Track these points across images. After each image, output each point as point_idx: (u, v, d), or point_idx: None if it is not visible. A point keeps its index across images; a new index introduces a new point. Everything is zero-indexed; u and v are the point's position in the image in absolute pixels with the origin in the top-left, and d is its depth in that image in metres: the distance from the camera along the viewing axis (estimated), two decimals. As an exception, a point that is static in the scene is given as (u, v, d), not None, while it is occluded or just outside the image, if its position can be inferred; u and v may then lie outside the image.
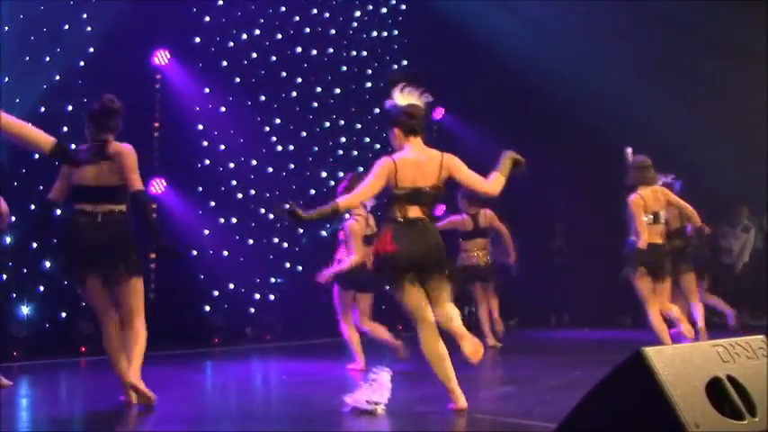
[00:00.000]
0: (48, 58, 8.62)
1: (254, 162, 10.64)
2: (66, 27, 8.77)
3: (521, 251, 9.37)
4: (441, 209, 12.75)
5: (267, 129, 10.82)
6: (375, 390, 4.88)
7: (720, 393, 2.60)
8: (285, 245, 10.85)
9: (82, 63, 9.01)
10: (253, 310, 10.44)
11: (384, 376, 4.94)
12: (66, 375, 7.28)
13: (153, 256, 9.46)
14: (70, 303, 8.70)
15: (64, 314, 8.54)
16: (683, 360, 2.58)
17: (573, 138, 11.02)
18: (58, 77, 8.78)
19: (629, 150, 7.51)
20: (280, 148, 10.99)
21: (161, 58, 9.51)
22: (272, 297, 10.70)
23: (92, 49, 9.04)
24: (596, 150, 10.67)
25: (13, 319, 8.01)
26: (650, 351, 2.49)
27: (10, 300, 8.06)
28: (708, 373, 2.62)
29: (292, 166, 11.07)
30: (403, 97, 4.99)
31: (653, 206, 6.97)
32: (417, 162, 4.86)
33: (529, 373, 6.74)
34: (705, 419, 2.45)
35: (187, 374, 7.17)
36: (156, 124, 9.64)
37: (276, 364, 8.14)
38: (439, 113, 12.88)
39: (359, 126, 12.02)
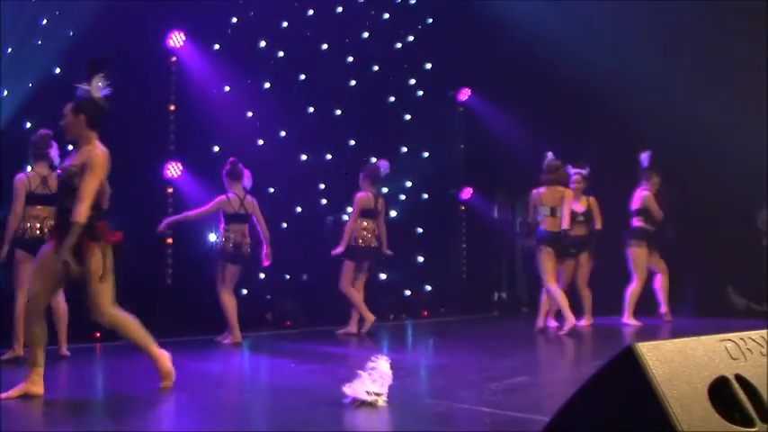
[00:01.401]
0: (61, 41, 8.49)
1: (272, 145, 10.44)
2: (79, 9, 8.62)
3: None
4: (468, 192, 12.58)
5: (285, 111, 10.61)
6: (375, 379, 4.64)
7: (726, 395, 2.29)
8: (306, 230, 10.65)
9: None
10: (273, 296, 10.27)
11: (383, 364, 4.70)
12: (82, 361, 7.16)
13: (170, 241, 9.37)
14: (82, 291, 8.60)
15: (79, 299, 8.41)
16: (683, 357, 2.28)
17: (602, 120, 10.62)
18: (72, 60, 8.65)
19: (549, 154, 8.96)
20: (298, 131, 10.77)
21: (176, 40, 9.34)
22: (292, 283, 10.52)
23: (105, 32, 8.89)
24: (626, 133, 10.29)
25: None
26: (643, 347, 2.19)
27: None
28: (712, 371, 2.31)
29: (311, 149, 10.85)
30: (97, 88, 4.85)
31: (550, 202, 8.77)
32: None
33: (545, 363, 6.47)
34: (706, 425, 2.15)
35: (197, 362, 7.01)
36: (172, 107, 9.48)
37: (290, 351, 7.94)
38: (465, 95, 12.59)
39: (378, 108, 11.75)
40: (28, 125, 7.94)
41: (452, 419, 4.36)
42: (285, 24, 10.58)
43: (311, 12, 10.81)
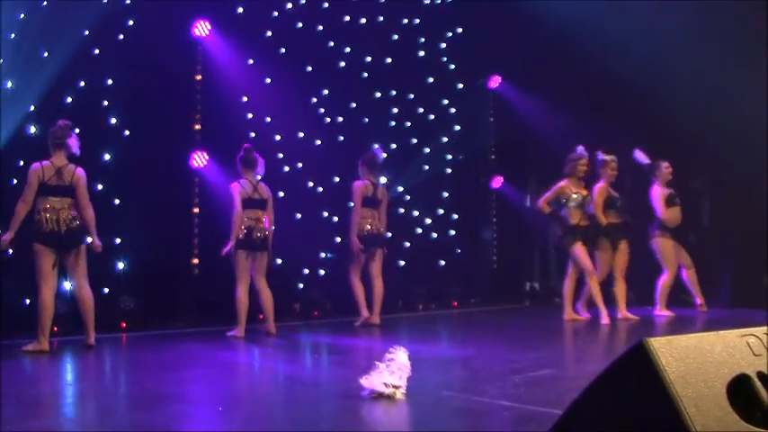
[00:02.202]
0: (86, 32, 8.48)
1: (301, 134, 10.37)
2: (105, 0, 8.61)
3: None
4: (498, 180, 12.40)
5: (314, 100, 10.53)
6: (393, 371, 4.54)
7: (747, 394, 2.14)
8: (335, 218, 10.57)
9: (121, 36, 8.86)
10: (301, 285, 10.22)
11: (401, 356, 4.60)
12: (107, 351, 7.18)
13: (196, 231, 9.36)
14: (112, 280, 8.64)
15: (106, 290, 8.45)
16: (699, 353, 2.13)
17: (636, 106, 10.36)
18: (96, 51, 8.66)
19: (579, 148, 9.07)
20: (328, 119, 10.70)
21: (201, 29, 9.29)
22: (321, 272, 10.46)
23: (131, 22, 8.89)
24: (660, 120, 10.04)
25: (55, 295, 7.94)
26: (656, 342, 2.05)
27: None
28: (732, 369, 2.16)
29: (341, 138, 10.76)
30: None
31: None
32: None
33: (572, 355, 6.32)
34: (723, 426, 2.01)
35: (219, 352, 6.98)
36: (198, 97, 9.44)
37: (314, 342, 7.89)
38: (495, 82, 12.39)
39: (411, 96, 11.62)
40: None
41: (470, 413, 4.24)
42: (313, 12, 10.47)
43: (339, -1, 10.71)
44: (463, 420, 4.12)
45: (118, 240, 8.71)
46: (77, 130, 7.09)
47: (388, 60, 11.32)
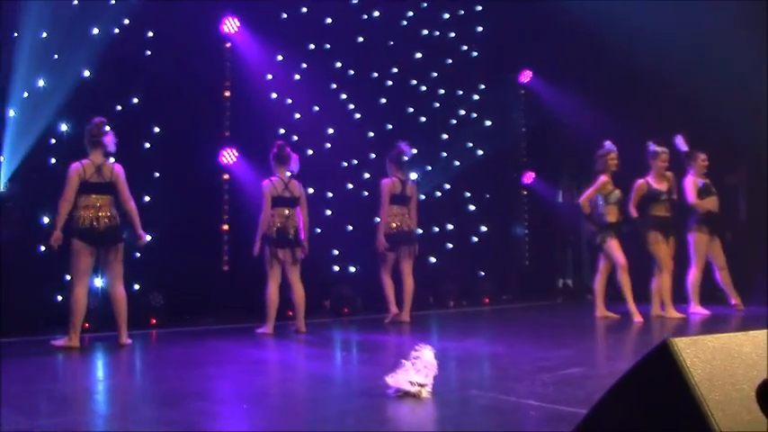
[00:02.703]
0: (116, 30, 8.53)
1: (331, 131, 10.35)
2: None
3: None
4: (530, 176, 12.28)
5: (344, 96, 10.50)
6: (419, 369, 4.48)
7: (778, 397, 2.05)
8: (367, 214, 10.50)
9: (150, 34, 8.90)
10: (331, 282, 10.19)
11: (427, 354, 4.54)
12: (136, 347, 7.22)
13: (226, 227, 9.37)
14: (142, 276, 8.68)
15: (137, 286, 8.49)
16: (727, 354, 2.05)
17: (669, 100, 10.18)
18: (126, 49, 8.71)
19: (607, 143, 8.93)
20: (358, 115, 10.66)
21: (230, 25, 9.30)
22: (352, 269, 10.43)
23: (160, 20, 8.93)
24: (695, 113, 9.85)
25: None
26: (680, 342, 1.97)
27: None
28: (761, 371, 2.07)
29: (371, 134, 10.72)
30: None
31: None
32: None
33: (604, 353, 6.21)
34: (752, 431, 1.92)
35: (249, 349, 6.98)
36: (227, 94, 9.45)
37: (342, 339, 7.86)
38: (526, 77, 12.27)
39: (442, 92, 11.54)
40: (85, 113, 7.97)
41: (496, 412, 4.17)
42: (341, 8, 10.43)
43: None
44: (489, 420, 4.05)
45: (148, 237, 8.74)
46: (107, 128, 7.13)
47: (418, 55, 11.25)
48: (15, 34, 7.71)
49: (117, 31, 8.56)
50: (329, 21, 10.37)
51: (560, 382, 4.83)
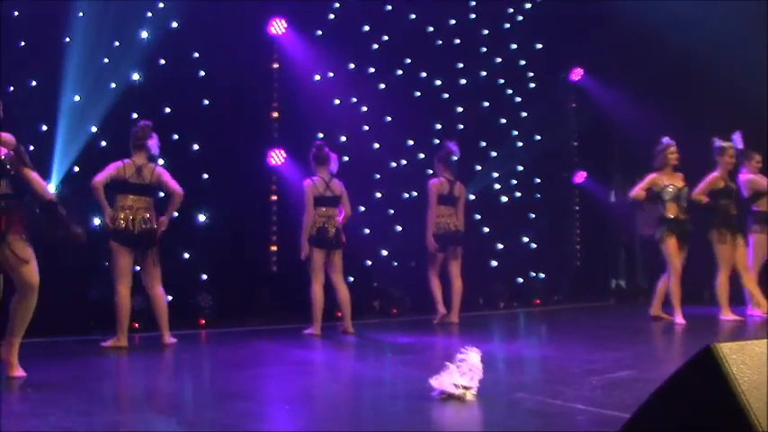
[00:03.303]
0: (164, 33, 8.62)
1: (378, 131, 10.30)
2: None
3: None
4: (582, 175, 12.07)
5: (392, 96, 10.43)
6: (464, 372, 4.41)
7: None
8: (416, 215, 10.43)
9: (199, 36, 8.97)
10: (380, 283, 10.16)
11: (473, 356, 4.47)
12: (184, 348, 7.28)
13: (274, 228, 9.41)
14: (192, 277, 8.76)
15: (185, 287, 8.56)
16: (776, 361, 1.94)
17: (723, 98, 9.90)
18: (175, 52, 8.80)
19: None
20: (406, 115, 10.58)
21: (277, 27, 9.33)
22: (401, 270, 10.38)
23: (208, 23, 8.99)
24: (750, 110, 9.58)
25: (136, 292, 8.10)
26: (726, 347, 1.87)
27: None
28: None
29: (418, 135, 10.65)
30: None
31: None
32: None
33: (655, 356, 6.05)
34: (802, 441, 1.81)
35: (295, 350, 6.98)
36: (275, 95, 9.49)
37: (390, 340, 7.81)
38: (577, 75, 12.07)
39: (492, 91, 11.42)
40: (134, 115, 8.08)
41: (541, 416, 4.08)
42: (389, 8, 10.39)
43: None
44: (534, 423, 3.96)
45: (197, 238, 8.84)
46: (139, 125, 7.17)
47: (468, 54, 11.14)
48: (67, 39, 7.83)
49: (165, 34, 8.61)
50: (376, 20, 10.32)
51: (609, 386, 4.72)
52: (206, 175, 8.88)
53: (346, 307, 7.97)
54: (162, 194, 7.22)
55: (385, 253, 10.32)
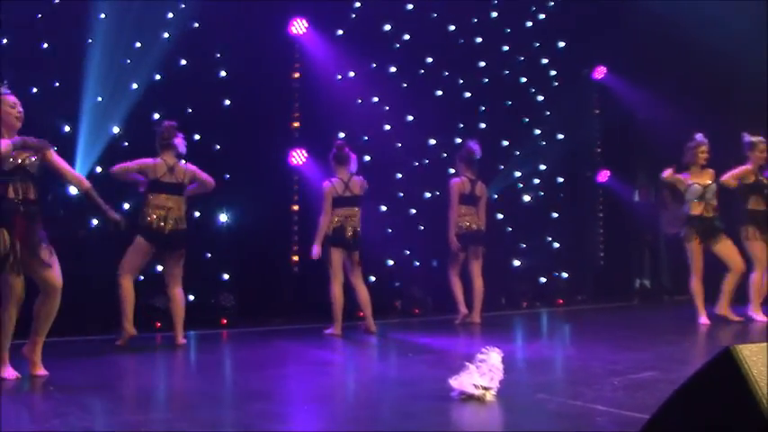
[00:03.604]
0: (184, 31, 8.64)
1: (400, 130, 10.26)
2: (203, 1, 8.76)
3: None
4: (605, 174, 11.97)
5: (412, 95, 10.40)
6: (484, 372, 4.39)
7: None
8: (437, 215, 10.39)
9: (220, 36, 8.99)
10: (402, 283, 10.14)
11: (494, 357, 4.44)
12: (204, 347, 7.32)
13: (296, 228, 9.42)
14: (213, 277, 8.79)
15: (207, 287, 8.59)
16: (797, 362, 1.89)
17: (748, 96, 9.76)
18: (196, 52, 8.83)
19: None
20: (428, 114, 10.54)
21: (298, 27, 9.33)
22: (422, 270, 10.34)
23: (229, 22, 9.01)
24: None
25: (160, 291, 8.13)
26: (746, 349, 1.83)
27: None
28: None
29: (440, 135, 10.61)
30: None
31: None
32: None
33: (680, 357, 5.97)
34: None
35: (315, 350, 6.98)
36: (296, 95, 9.49)
37: (411, 340, 7.78)
38: (600, 73, 11.97)
39: (513, 89, 11.35)
40: (156, 116, 8.11)
41: (561, 417, 4.04)
42: (410, 6, 10.36)
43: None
44: (553, 425, 3.93)
45: (219, 238, 8.87)
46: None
47: (490, 53, 11.08)
48: (90, 40, 7.88)
49: (186, 34, 8.63)
50: (398, 19, 10.29)
51: (631, 387, 4.67)
52: (228, 176, 8.88)
53: (367, 307, 7.96)
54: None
55: (407, 253, 10.28)
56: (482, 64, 11.08)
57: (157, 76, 8.44)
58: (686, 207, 8.43)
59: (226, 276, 8.87)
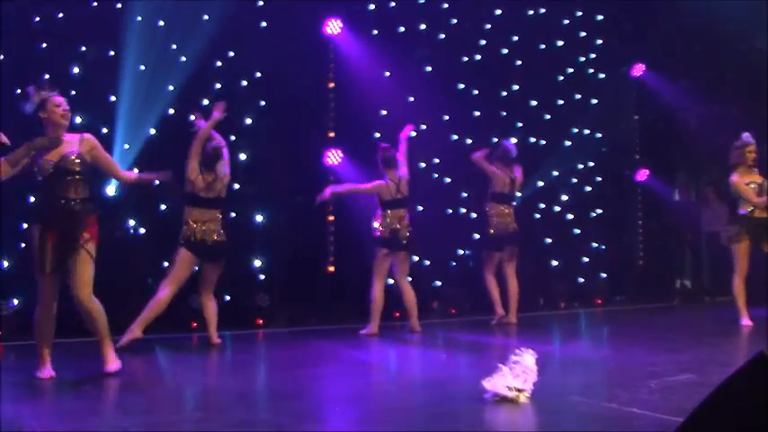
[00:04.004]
0: (221, 33, 8.69)
1: (436, 130, 10.21)
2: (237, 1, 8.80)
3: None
4: (644, 173, 11.81)
5: (448, 95, 10.35)
6: (517, 374, 4.34)
7: None
8: (473, 215, 10.35)
9: (255, 37, 9.04)
10: (439, 283, 10.10)
11: (528, 359, 4.40)
12: (240, 347, 7.35)
13: (332, 229, 9.42)
14: (250, 278, 8.83)
15: (243, 287, 8.64)
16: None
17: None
18: (231, 53, 8.88)
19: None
20: (463, 114, 10.49)
21: (333, 27, 9.34)
22: (460, 270, 10.30)
23: (263, 24, 9.05)
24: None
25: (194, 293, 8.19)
26: (780, 353, 1.78)
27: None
28: None
29: (476, 132, 10.53)
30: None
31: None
32: None
33: (718, 360, 5.84)
34: None
35: (350, 350, 6.97)
36: (331, 95, 9.50)
37: (447, 341, 7.75)
38: (638, 70, 11.80)
39: (551, 87, 11.25)
40: (192, 117, 8.15)
41: (594, 420, 3.97)
42: (446, 6, 10.31)
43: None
44: (585, 427, 3.86)
45: (255, 238, 8.91)
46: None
47: (526, 51, 10.99)
48: (125, 42, 7.98)
49: (221, 34, 8.66)
50: (433, 19, 10.25)
51: (668, 390, 4.58)
52: (263, 176, 8.93)
53: (413, 308, 7.99)
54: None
55: (444, 253, 10.23)
56: (518, 63, 10.99)
57: (189, 76, 8.48)
58: (739, 206, 8.20)
59: (261, 277, 8.91)
